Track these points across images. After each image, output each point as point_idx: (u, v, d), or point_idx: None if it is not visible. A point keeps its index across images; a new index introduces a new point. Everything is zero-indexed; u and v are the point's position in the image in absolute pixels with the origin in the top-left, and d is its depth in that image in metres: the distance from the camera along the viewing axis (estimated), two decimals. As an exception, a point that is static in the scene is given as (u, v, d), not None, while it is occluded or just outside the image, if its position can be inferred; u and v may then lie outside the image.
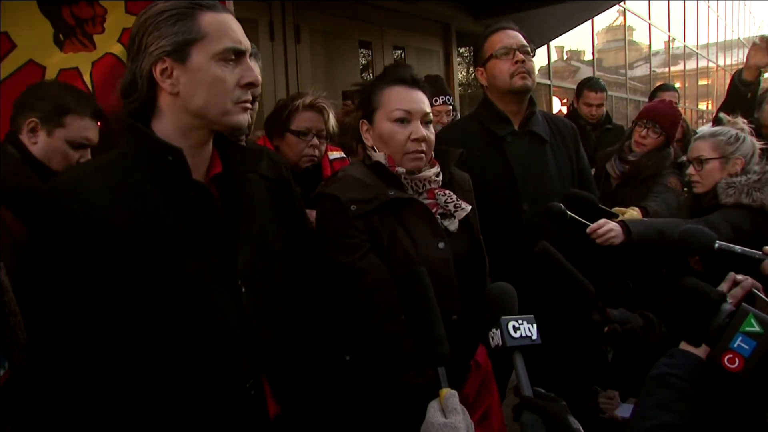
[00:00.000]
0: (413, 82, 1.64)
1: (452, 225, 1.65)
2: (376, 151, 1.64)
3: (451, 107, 3.59)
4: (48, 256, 1.11)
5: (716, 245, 1.59)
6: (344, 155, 2.42)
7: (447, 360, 1.15)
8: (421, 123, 1.61)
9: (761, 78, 3.05)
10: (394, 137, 1.60)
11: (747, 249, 1.56)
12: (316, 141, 2.18)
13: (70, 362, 1.10)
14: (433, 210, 1.63)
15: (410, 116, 1.60)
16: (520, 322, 1.13)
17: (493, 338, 1.14)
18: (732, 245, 1.58)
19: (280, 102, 2.30)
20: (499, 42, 2.17)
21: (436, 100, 3.44)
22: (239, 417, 1.21)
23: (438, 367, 1.14)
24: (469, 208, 1.68)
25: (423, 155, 1.62)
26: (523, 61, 2.13)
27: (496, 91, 2.21)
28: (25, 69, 1.70)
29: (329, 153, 2.36)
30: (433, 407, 1.08)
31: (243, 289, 1.23)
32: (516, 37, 2.18)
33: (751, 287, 1.16)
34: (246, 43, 1.21)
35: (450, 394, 1.09)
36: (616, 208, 2.32)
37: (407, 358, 1.50)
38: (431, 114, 1.66)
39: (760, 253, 1.54)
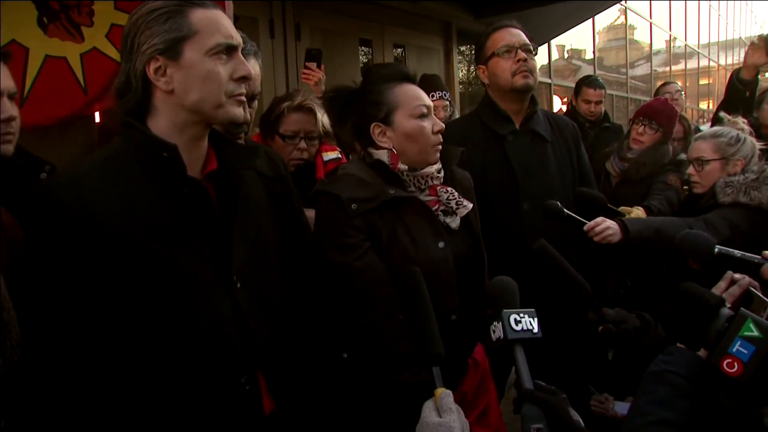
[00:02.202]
0: (414, 79, 1.67)
1: (454, 222, 1.65)
2: (392, 150, 1.61)
3: (447, 102, 3.60)
4: (44, 252, 1.11)
5: (716, 250, 1.59)
6: (340, 156, 2.39)
7: (441, 360, 1.16)
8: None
9: (759, 77, 3.06)
10: (422, 132, 1.61)
11: (747, 254, 1.56)
12: (304, 144, 2.15)
13: (64, 358, 1.10)
14: (435, 207, 1.63)
15: (429, 110, 1.63)
16: (521, 315, 1.15)
17: (494, 331, 1.15)
18: (732, 250, 1.58)
19: (273, 101, 2.28)
20: (501, 40, 2.17)
21: (432, 95, 3.44)
22: (234, 412, 1.21)
23: (433, 367, 1.14)
24: (471, 205, 1.68)
25: (441, 146, 1.65)
26: (525, 60, 2.13)
27: (498, 90, 2.20)
28: (7, 48, 1.69)
29: (324, 154, 2.29)
30: (428, 407, 1.09)
31: (238, 285, 1.23)
32: (518, 35, 2.18)
33: (749, 286, 1.16)
34: (237, 38, 1.22)
35: (445, 394, 1.09)
36: (622, 208, 2.32)
37: (404, 357, 1.50)
38: None
39: (760, 257, 1.54)
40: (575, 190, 2.16)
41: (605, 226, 2.01)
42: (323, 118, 2.17)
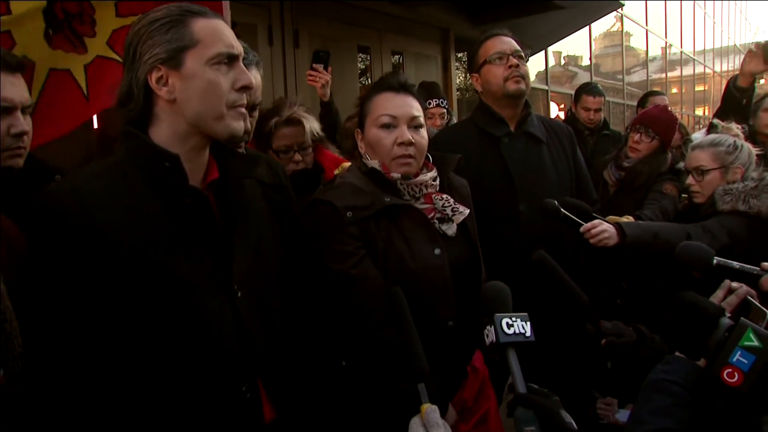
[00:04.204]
0: (401, 87, 1.64)
1: (450, 229, 1.65)
2: (369, 158, 1.64)
3: (445, 110, 3.59)
4: (45, 262, 1.11)
5: (714, 261, 1.59)
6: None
7: (426, 377, 1.17)
8: (409, 127, 1.60)
9: (756, 84, 3.07)
10: (380, 143, 1.60)
11: (746, 265, 1.55)
12: (298, 156, 2.16)
13: (66, 367, 1.10)
14: (431, 215, 1.63)
15: (396, 121, 1.60)
16: (513, 319, 1.15)
17: (487, 335, 1.16)
18: (730, 261, 1.57)
19: (260, 116, 2.26)
20: (493, 48, 2.20)
21: (429, 103, 3.44)
22: (234, 421, 1.21)
23: (417, 383, 1.15)
24: (467, 211, 1.68)
25: (411, 160, 1.60)
26: (516, 66, 2.16)
27: (491, 96, 2.22)
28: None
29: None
30: (415, 423, 1.11)
31: (239, 294, 1.23)
32: (509, 42, 2.21)
33: (746, 295, 1.16)
34: (239, 48, 1.22)
35: (431, 409, 1.11)
36: (610, 217, 2.29)
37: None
38: (422, 118, 1.64)
39: (758, 269, 1.53)
40: (561, 199, 2.16)
41: (602, 228, 2.01)
42: (312, 126, 2.18)
